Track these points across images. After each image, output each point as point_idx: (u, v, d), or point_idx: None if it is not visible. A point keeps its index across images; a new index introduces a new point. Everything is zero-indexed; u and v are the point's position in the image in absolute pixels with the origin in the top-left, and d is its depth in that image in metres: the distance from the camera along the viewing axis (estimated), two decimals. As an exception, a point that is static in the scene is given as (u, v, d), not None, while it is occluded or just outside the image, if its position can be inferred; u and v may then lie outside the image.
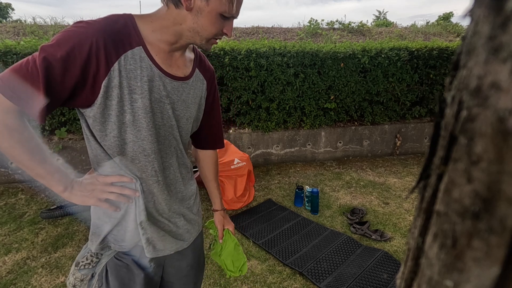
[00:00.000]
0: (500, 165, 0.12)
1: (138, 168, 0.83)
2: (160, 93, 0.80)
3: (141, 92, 0.76)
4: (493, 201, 0.12)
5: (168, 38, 0.79)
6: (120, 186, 0.83)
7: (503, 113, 0.12)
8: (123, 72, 0.73)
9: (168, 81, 0.81)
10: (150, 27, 0.78)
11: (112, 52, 0.71)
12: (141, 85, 0.76)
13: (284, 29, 5.87)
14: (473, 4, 0.14)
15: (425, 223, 0.17)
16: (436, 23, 7.05)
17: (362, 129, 3.96)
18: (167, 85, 0.82)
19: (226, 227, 1.14)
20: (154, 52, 0.79)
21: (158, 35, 0.78)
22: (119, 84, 0.73)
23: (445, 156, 0.15)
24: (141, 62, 0.76)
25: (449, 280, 0.14)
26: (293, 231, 2.47)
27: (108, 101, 0.73)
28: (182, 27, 0.77)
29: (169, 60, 0.82)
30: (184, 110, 0.88)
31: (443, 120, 0.16)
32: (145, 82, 0.76)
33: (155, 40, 0.78)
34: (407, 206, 2.82)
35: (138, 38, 0.76)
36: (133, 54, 0.74)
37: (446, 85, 0.16)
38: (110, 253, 0.88)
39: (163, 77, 0.80)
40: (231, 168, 2.76)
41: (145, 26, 0.77)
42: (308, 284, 1.90)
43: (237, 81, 3.39)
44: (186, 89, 0.87)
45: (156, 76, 0.79)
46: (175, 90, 0.84)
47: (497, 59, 0.12)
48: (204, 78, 0.94)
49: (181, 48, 0.84)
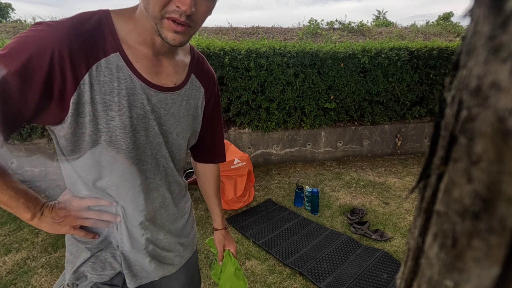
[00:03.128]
0: (500, 165, 0.12)
1: (116, 193, 0.71)
2: (143, 108, 0.68)
3: (119, 108, 0.64)
4: (493, 201, 0.12)
5: (146, 38, 0.65)
6: (98, 211, 0.72)
7: (503, 113, 0.12)
8: (95, 85, 0.61)
9: (153, 93, 0.69)
10: (127, 25, 0.64)
11: (80, 61, 0.59)
12: (118, 100, 0.63)
13: (284, 29, 5.87)
14: (473, 4, 0.14)
15: (425, 223, 0.17)
16: (436, 23, 7.06)
17: (362, 129, 3.96)
18: (152, 98, 0.69)
19: (227, 248, 1.03)
20: (135, 58, 0.65)
21: (135, 36, 0.65)
22: (90, 100, 0.61)
23: (445, 156, 0.15)
24: (118, 73, 0.63)
25: (449, 280, 0.14)
26: (293, 231, 2.47)
27: (79, 119, 0.62)
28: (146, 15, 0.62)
29: (155, 67, 0.69)
30: (174, 125, 0.75)
31: (443, 120, 0.16)
32: (123, 96, 0.64)
33: (135, 43, 0.65)
34: (407, 206, 2.82)
35: (114, 42, 0.62)
36: (107, 63, 0.62)
37: (446, 85, 0.16)
38: (87, 283, 0.76)
39: (147, 89, 0.67)
40: (231, 168, 2.76)
41: (122, 25, 0.64)
42: (308, 284, 1.90)
43: (237, 81, 3.39)
44: (177, 100, 0.74)
45: (138, 89, 0.66)
46: (162, 103, 0.71)
47: (497, 59, 0.12)
48: (202, 85, 0.81)
49: (169, 51, 0.70)
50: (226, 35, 5.21)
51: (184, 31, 0.61)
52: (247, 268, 2.04)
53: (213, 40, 3.69)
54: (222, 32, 5.38)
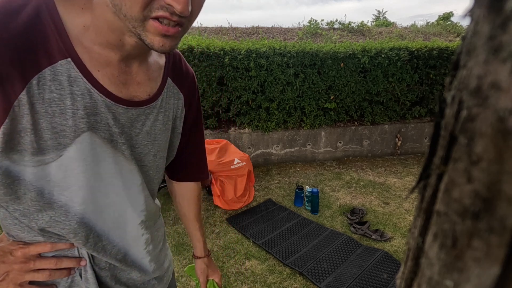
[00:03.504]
0: (500, 165, 0.12)
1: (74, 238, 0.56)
2: (109, 130, 0.52)
3: (75, 134, 0.48)
4: (493, 201, 0.12)
5: (110, 38, 0.48)
6: (53, 258, 0.56)
7: (503, 113, 0.12)
8: (38, 105, 0.45)
9: (121, 110, 0.53)
10: (80, 20, 0.47)
11: (12, 73, 0.42)
12: (74, 123, 0.48)
13: (284, 29, 5.87)
14: (473, 4, 0.14)
15: (425, 223, 0.17)
16: (436, 23, 7.05)
17: (362, 129, 3.96)
18: (121, 117, 0.53)
19: (210, 278, 0.88)
20: (95, 65, 0.49)
21: (93, 34, 0.47)
22: (32, 127, 0.45)
23: (445, 156, 0.15)
24: (71, 86, 0.47)
25: (449, 280, 0.14)
26: (293, 231, 2.47)
27: (14, 155, 0.46)
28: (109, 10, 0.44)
29: (123, 76, 0.53)
30: (150, 145, 0.61)
31: (443, 120, 0.16)
32: (80, 118, 0.48)
33: (93, 44, 0.48)
34: (407, 206, 2.82)
35: (63, 43, 0.45)
36: (54, 73, 0.45)
37: (446, 85, 0.16)
38: None
39: (113, 106, 0.52)
40: (231, 168, 2.76)
41: (74, 19, 0.46)
42: (308, 284, 1.90)
43: (237, 81, 3.39)
44: (151, 115, 0.59)
45: (101, 106, 0.50)
46: (134, 121, 0.56)
47: (497, 59, 0.12)
48: (180, 91, 0.65)
49: (142, 52, 0.54)
50: (226, 35, 5.21)
51: (176, 34, 0.45)
52: (247, 268, 2.05)
53: (213, 40, 3.69)
54: (222, 32, 5.38)
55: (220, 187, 2.75)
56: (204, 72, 3.25)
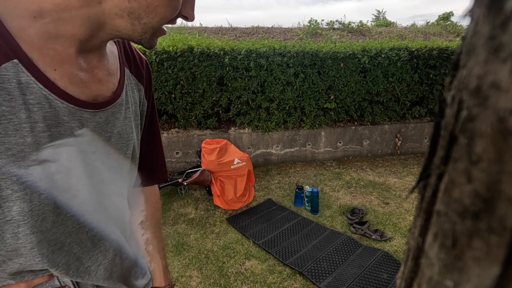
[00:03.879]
0: (500, 165, 0.12)
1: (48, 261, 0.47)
2: (76, 142, 0.45)
3: (37, 153, 0.40)
4: (493, 201, 0.12)
5: (74, 32, 0.41)
6: None
7: (503, 113, 0.12)
8: None
9: (88, 115, 0.45)
10: (27, 8, 0.37)
11: None
12: (34, 140, 0.40)
13: (284, 29, 5.87)
14: (473, 4, 0.14)
15: (425, 223, 0.17)
16: (436, 23, 7.05)
17: (362, 129, 3.96)
18: (88, 123, 0.46)
19: None
20: (49, 63, 0.41)
21: (50, 27, 0.39)
22: None
23: (445, 156, 0.15)
24: (23, 95, 0.38)
25: (449, 280, 0.14)
26: (293, 231, 2.47)
27: None
28: (102, 9, 0.40)
29: (83, 73, 0.45)
30: (125, 147, 0.54)
31: (443, 120, 0.16)
32: (41, 132, 0.40)
33: (45, 39, 0.40)
34: (407, 206, 2.82)
35: (3, 41, 0.37)
36: (1, 80, 0.37)
37: (446, 85, 0.16)
38: None
39: (78, 112, 0.44)
40: (231, 168, 2.76)
41: (16, 9, 0.37)
42: (308, 284, 1.90)
43: (237, 81, 3.39)
44: (119, 114, 0.51)
45: (64, 114, 0.42)
46: (103, 125, 0.49)
47: (497, 59, 0.12)
48: (139, 81, 0.58)
49: (101, 45, 0.47)
50: (226, 35, 5.21)
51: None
52: (247, 268, 2.05)
53: (213, 40, 3.69)
54: (222, 32, 5.38)
55: (220, 187, 2.75)
56: (204, 72, 3.25)
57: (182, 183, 2.80)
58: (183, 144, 3.49)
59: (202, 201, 2.91)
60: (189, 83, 3.30)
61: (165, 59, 3.14)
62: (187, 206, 2.84)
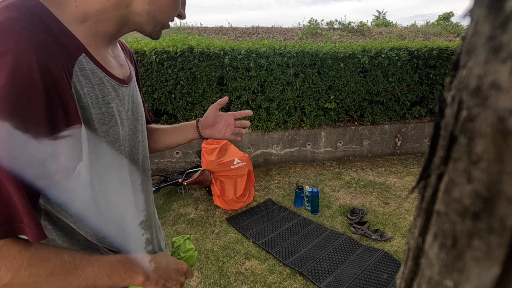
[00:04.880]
0: (500, 165, 0.12)
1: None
2: (125, 109, 0.60)
3: (110, 119, 0.55)
4: (493, 201, 0.12)
5: (107, 29, 0.54)
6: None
7: (503, 113, 0.12)
8: (88, 98, 0.50)
9: (124, 90, 0.60)
10: (76, 15, 0.49)
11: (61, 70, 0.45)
12: (106, 110, 0.54)
13: (284, 29, 5.87)
14: (473, 4, 0.14)
15: (425, 223, 0.17)
16: (436, 23, 7.05)
17: (362, 129, 3.96)
18: (125, 96, 0.61)
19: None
20: (98, 55, 0.54)
21: (92, 27, 0.51)
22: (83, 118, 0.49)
23: (445, 156, 0.15)
24: (94, 78, 0.51)
25: (449, 280, 0.14)
26: (293, 231, 2.47)
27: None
28: (129, 10, 0.54)
29: (115, 60, 0.60)
30: (141, 115, 0.69)
31: (443, 120, 0.16)
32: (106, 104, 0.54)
33: (90, 36, 0.52)
34: (407, 206, 2.82)
35: (72, 40, 0.48)
36: (81, 68, 0.49)
37: (446, 85, 0.16)
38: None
39: (121, 89, 0.59)
40: (231, 168, 2.76)
41: (68, 15, 0.48)
42: (308, 284, 1.90)
43: (237, 81, 3.39)
44: (135, 87, 0.67)
45: (114, 91, 0.56)
46: (132, 97, 0.64)
47: (497, 59, 0.12)
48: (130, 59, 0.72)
49: (118, 38, 0.61)
50: (226, 35, 5.21)
51: None
52: (247, 268, 2.05)
53: (213, 40, 3.69)
54: (222, 32, 5.38)
55: (220, 187, 2.74)
56: (204, 72, 3.25)
57: (182, 183, 2.80)
58: (183, 144, 3.49)
59: (202, 201, 2.91)
60: (189, 83, 3.30)
61: (165, 59, 3.14)
62: (187, 206, 2.84)
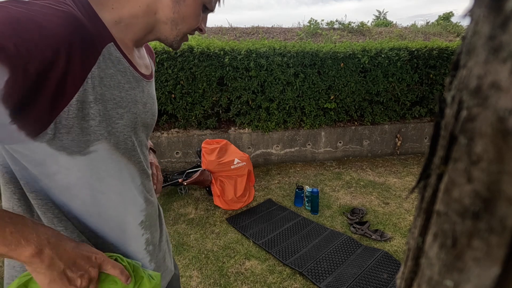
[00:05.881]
0: (500, 165, 0.12)
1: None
2: (142, 101, 0.64)
3: (126, 104, 0.58)
4: (493, 201, 0.12)
5: (136, 33, 0.60)
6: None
7: (503, 113, 0.12)
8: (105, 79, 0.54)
9: (145, 83, 0.65)
10: (111, 16, 0.56)
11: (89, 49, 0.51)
12: (125, 95, 0.58)
13: (284, 29, 5.87)
14: (473, 4, 0.14)
15: (425, 223, 0.17)
16: (436, 23, 7.05)
17: (362, 129, 3.96)
18: (145, 89, 0.65)
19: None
20: (125, 49, 0.60)
21: (123, 29, 0.58)
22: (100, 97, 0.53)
23: (445, 156, 0.15)
24: (118, 65, 0.57)
25: (449, 280, 0.14)
26: (293, 231, 2.47)
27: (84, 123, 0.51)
28: (156, 18, 0.59)
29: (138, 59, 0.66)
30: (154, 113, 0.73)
31: (443, 120, 0.16)
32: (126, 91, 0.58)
33: (120, 35, 0.58)
34: (407, 206, 2.82)
35: (103, 30, 0.54)
36: (109, 53, 0.55)
37: (446, 85, 0.16)
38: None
39: (142, 81, 0.64)
40: (231, 168, 2.76)
41: (105, 15, 0.55)
42: (308, 284, 1.90)
43: (237, 81, 3.39)
44: (153, 85, 0.73)
45: (135, 81, 0.61)
46: (150, 93, 0.69)
47: (497, 59, 0.12)
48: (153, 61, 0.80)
49: (144, 43, 0.67)
50: (226, 35, 5.21)
51: None
52: (247, 268, 2.05)
53: (213, 40, 3.69)
54: (222, 32, 5.38)
55: (220, 187, 2.74)
56: (204, 72, 3.25)
57: (182, 183, 2.80)
58: (183, 144, 3.49)
59: (202, 201, 2.91)
60: (189, 83, 3.30)
61: (165, 59, 3.14)
62: (187, 206, 2.84)
